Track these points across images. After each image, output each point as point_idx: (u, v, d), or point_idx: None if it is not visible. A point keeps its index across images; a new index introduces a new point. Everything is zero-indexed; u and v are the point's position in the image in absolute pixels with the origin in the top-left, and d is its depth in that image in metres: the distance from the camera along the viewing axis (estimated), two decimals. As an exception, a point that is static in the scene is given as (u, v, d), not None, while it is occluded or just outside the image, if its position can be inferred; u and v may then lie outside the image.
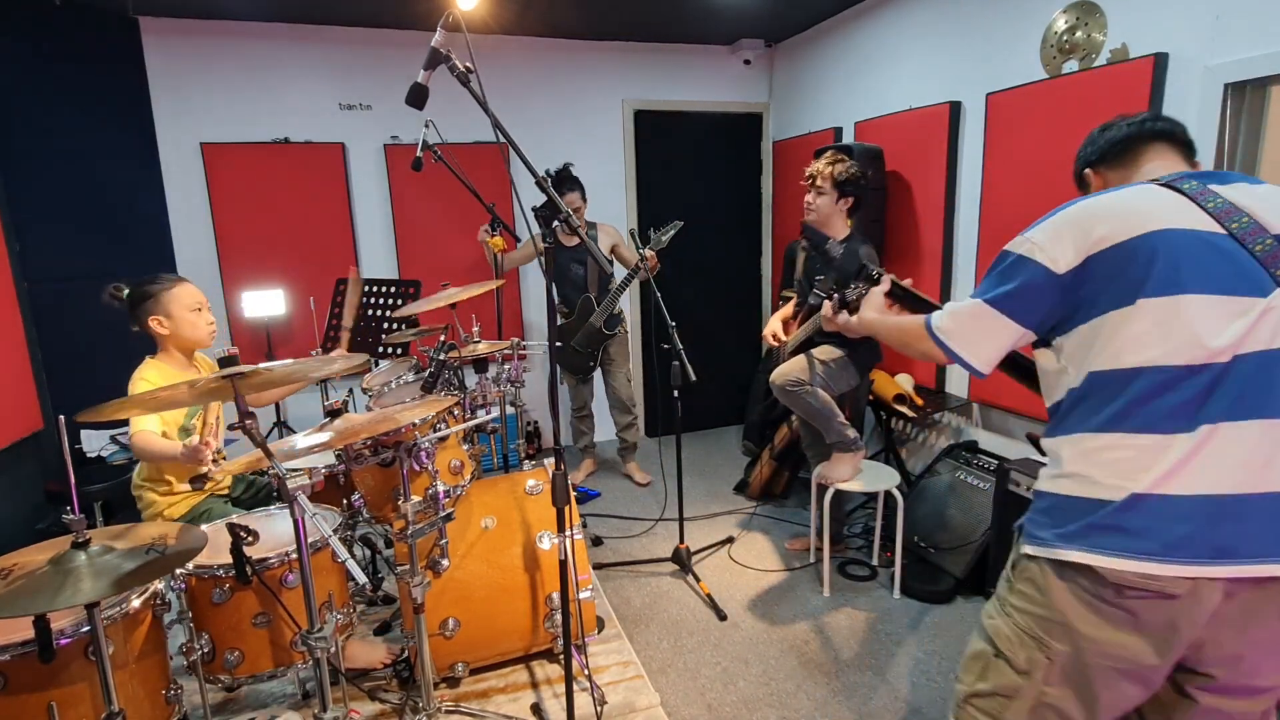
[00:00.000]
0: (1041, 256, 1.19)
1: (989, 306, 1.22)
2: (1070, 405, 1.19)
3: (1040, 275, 1.18)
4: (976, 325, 1.24)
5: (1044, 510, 1.18)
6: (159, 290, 2.22)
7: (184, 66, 3.76)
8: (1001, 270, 1.24)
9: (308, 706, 2.23)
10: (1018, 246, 1.23)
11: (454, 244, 4.28)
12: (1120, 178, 1.37)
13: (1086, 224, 1.17)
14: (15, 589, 1.33)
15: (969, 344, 1.25)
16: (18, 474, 3.26)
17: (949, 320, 1.28)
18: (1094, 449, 1.13)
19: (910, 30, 3.61)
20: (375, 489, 2.05)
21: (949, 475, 3.18)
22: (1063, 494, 1.15)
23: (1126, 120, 1.40)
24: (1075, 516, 1.12)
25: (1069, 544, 1.11)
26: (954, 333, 1.27)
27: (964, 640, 2.57)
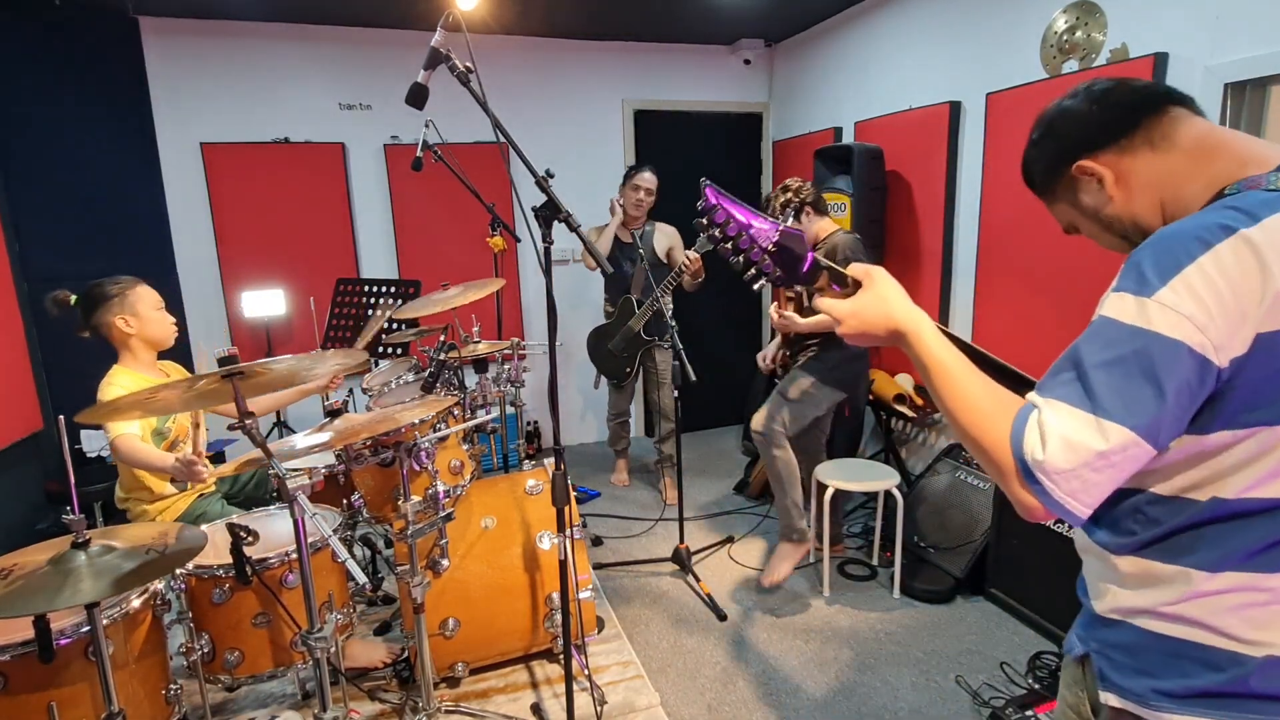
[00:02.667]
0: (1197, 340, 0.74)
1: (1132, 435, 0.75)
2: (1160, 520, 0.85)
3: (1195, 371, 0.75)
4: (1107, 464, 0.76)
5: (1124, 648, 0.89)
6: (122, 290, 2.20)
7: (184, 66, 3.76)
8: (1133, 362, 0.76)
9: (308, 706, 2.23)
10: (1150, 319, 0.75)
11: (454, 244, 4.28)
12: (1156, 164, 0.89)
13: (1255, 276, 0.73)
14: (15, 589, 1.33)
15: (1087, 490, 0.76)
16: (18, 474, 3.26)
17: (1064, 456, 0.76)
18: (1210, 591, 0.83)
19: (910, 30, 3.61)
20: (375, 489, 2.05)
21: (949, 475, 3.18)
22: (1161, 634, 0.86)
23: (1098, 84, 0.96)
24: (1185, 670, 0.84)
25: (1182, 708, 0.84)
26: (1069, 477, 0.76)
27: (963, 640, 2.58)
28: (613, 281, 3.82)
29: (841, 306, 0.97)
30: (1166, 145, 0.88)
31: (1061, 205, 0.98)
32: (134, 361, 2.23)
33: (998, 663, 2.43)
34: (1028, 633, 2.61)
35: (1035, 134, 0.99)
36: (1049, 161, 0.96)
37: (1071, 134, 0.94)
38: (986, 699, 2.26)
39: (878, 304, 0.95)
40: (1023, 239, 3.02)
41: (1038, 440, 0.77)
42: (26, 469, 3.33)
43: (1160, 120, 0.89)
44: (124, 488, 2.22)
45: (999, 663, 2.43)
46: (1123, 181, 0.90)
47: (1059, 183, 0.96)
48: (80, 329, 2.21)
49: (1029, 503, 0.79)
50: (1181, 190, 0.87)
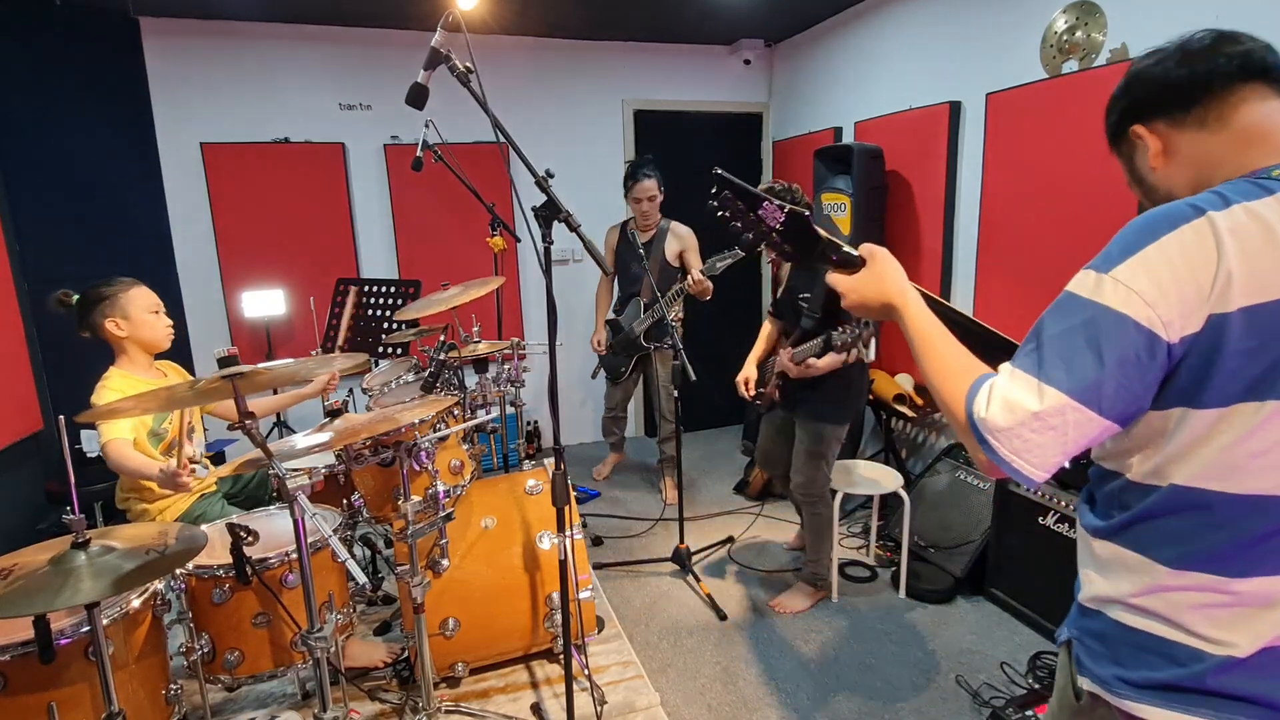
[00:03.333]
0: (1145, 314, 0.77)
1: (1068, 400, 0.78)
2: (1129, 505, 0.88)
3: (1142, 344, 0.77)
4: (1043, 426, 0.79)
5: (1098, 636, 0.93)
6: (115, 292, 2.18)
7: (184, 66, 3.76)
8: (1079, 331, 0.80)
9: (308, 706, 2.23)
10: (1103, 293, 0.79)
11: (454, 244, 4.28)
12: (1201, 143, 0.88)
13: (1210, 258, 0.76)
14: (15, 589, 1.33)
15: (1028, 449, 0.80)
16: (18, 474, 3.26)
17: (1002, 415, 0.81)
18: (1173, 587, 0.85)
19: (910, 30, 3.61)
20: (375, 489, 2.05)
21: (949, 475, 3.18)
22: (1128, 625, 0.89)
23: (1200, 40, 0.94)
24: (1148, 662, 0.87)
25: (1143, 696, 0.87)
26: (1007, 436, 0.80)
27: (963, 640, 2.58)
28: (625, 276, 3.79)
29: (845, 281, 1.07)
30: (1218, 126, 0.88)
31: (1122, 160, 1.01)
32: (129, 364, 2.22)
33: (998, 663, 2.43)
34: (1028, 633, 2.61)
35: (1120, 85, 0.98)
36: (1117, 114, 0.97)
37: (1137, 95, 0.95)
38: (986, 699, 2.26)
39: (875, 281, 1.04)
40: (1023, 239, 3.02)
41: (984, 400, 0.83)
42: (26, 469, 3.33)
43: (1222, 100, 0.88)
44: (124, 488, 2.22)
45: (999, 663, 2.43)
46: (1167, 153, 0.92)
47: (1121, 138, 0.98)
48: (78, 329, 2.21)
49: (980, 458, 0.85)
50: (1215, 172, 0.87)
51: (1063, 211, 2.81)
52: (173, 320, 2.34)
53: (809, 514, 2.77)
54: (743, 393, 2.82)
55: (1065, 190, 2.80)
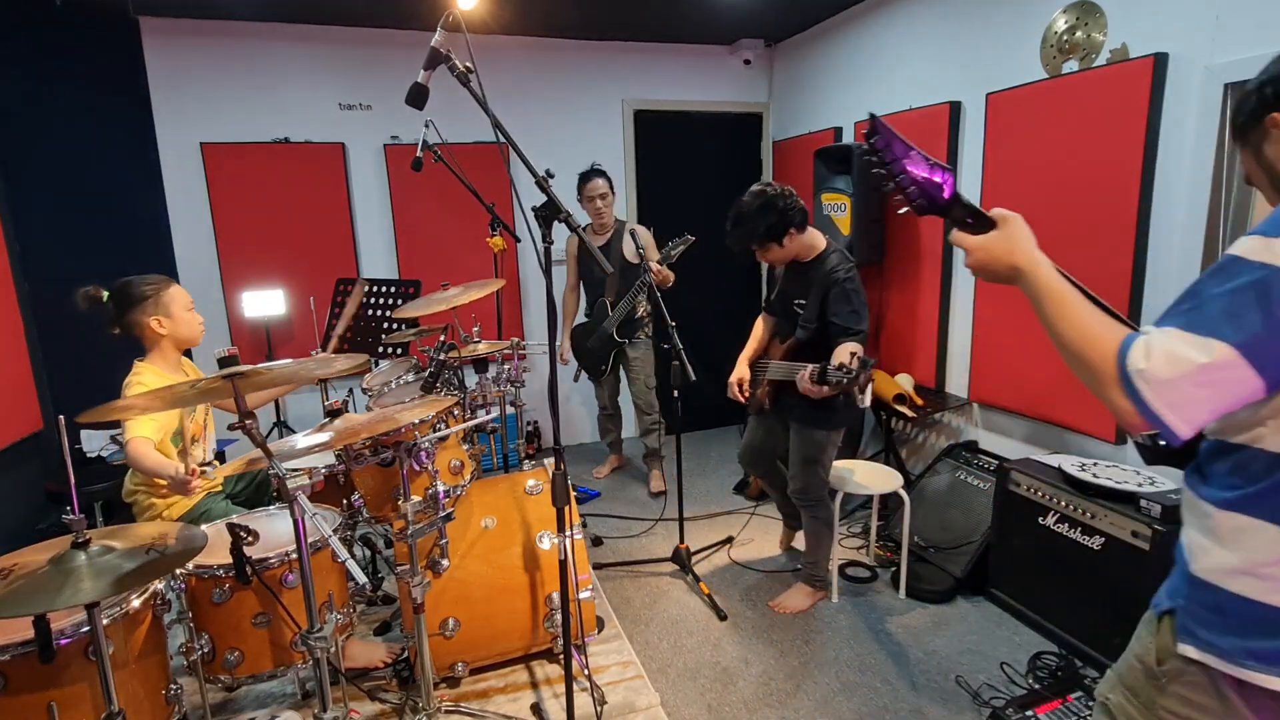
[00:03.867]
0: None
1: (1236, 353, 0.80)
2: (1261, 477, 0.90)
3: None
4: (1208, 379, 0.81)
5: (1214, 608, 0.95)
6: (156, 291, 2.22)
7: (184, 66, 3.76)
8: (1247, 289, 0.81)
9: (308, 706, 2.23)
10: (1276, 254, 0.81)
11: (454, 244, 4.28)
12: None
13: None
14: (15, 589, 1.33)
15: (1184, 402, 0.82)
16: (18, 474, 3.26)
17: (1165, 366, 0.82)
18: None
19: (910, 30, 3.61)
20: (375, 489, 2.05)
21: (949, 475, 3.18)
22: (1250, 598, 0.91)
23: None
24: (1275, 631, 0.89)
25: (1271, 667, 0.89)
26: (1169, 388, 0.82)
27: (964, 640, 2.58)
28: (589, 282, 3.88)
29: (972, 240, 1.07)
30: None
31: (1248, 152, 1.02)
32: (161, 360, 2.25)
33: (998, 663, 2.43)
34: (1028, 633, 2.61)
35: (1257, 76, 1.00)
36: (1254, 105, 0.98)
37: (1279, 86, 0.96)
38: (986, 699, 2.26)
39: (1006, 242, 1.05)
40: (1023, 239, 3.01)
41: (1142, 353, 0.84)
42: (26, 469, 3.33)
43: None
44: (134, 480, 2.23)
45: (999, 663, 2.43)
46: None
47: (1253, 129, 0.98)
48: (110, 326, 2.22)
49: (1125, 407, 0.85)
50: None
51: (1063, 211, 2.81)
52: None
53: (808, 517, 2.76)
54: (735, 395, 2.76)
55: (1065, 190, 2.80)
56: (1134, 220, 2.55)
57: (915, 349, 3.72)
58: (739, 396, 2.76)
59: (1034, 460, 2.78)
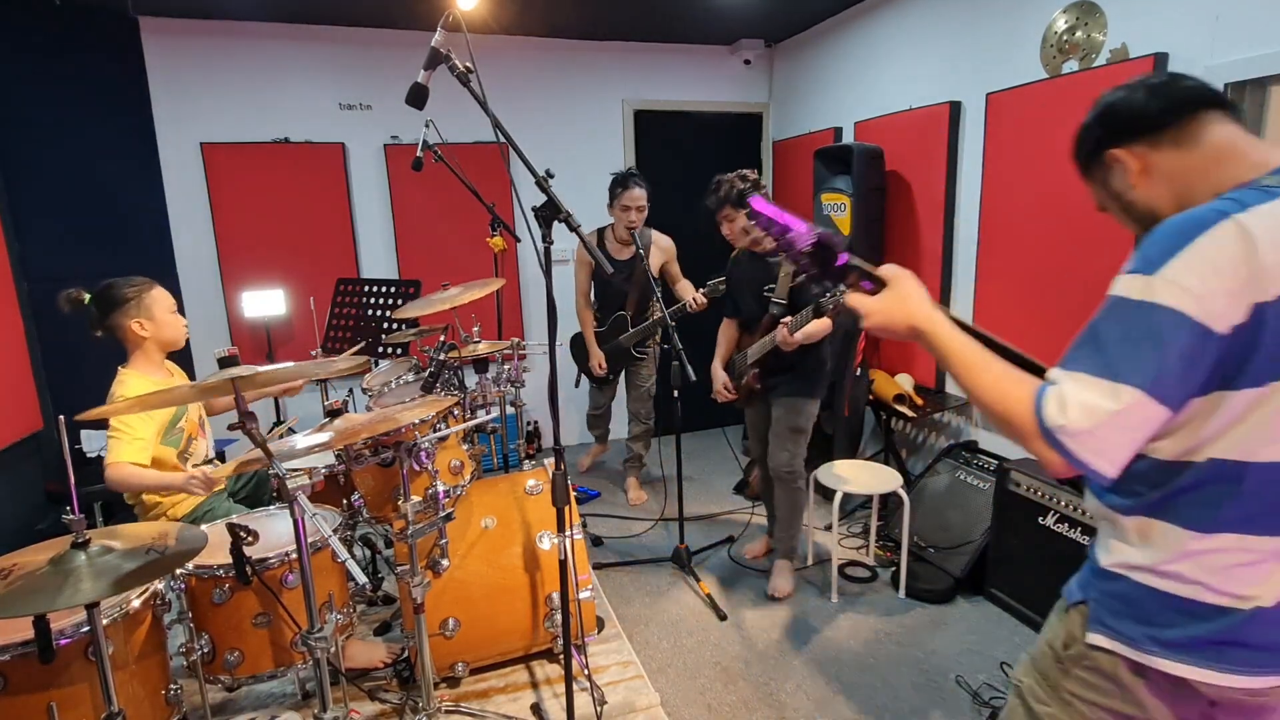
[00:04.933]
0: (1197, 310, 0.83)
1: (1145, 396, 0.84)
2: (1161, 483, 0.94)
3: (1197, 337, 0.84)
4: (1123, 424, 0.85)
5: (1122, 598, 0.99)
6: (138, 293, 2.19)
7: (184, 66, 3.76)
8: (1141, 331, 0.86)
9: (308, 706, 2.23)
10: (1155, 293, 0.85)
11: (454, 244, 4.28)
12: (1177, 160, 0.98)
13: (1247, 253, 0.83)
14: (15, 589, 1.33)
15: (1107, 448, 0.85)
16: (18, 474, 3.26)
17: (1082, 418, 0.85)
18: (1203, 551, 0.92)
19: (910, 30, 3.61)
20: (375, 489, 2.05)
21: (949, 475, 3.18)
22: (1154, 588, 0.96)
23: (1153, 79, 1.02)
24: (1176, 620, 0.94)
25: (1171, 654, 0.94)
26: (1089, 438, 0.85)
27: (964, 640, 2.58)
28: (605, 293, 3.79)
29: (868, 302, 1.08)
30: (1191, 145, 0.97)
31: (1096, 184, 1.09)
32: (145, 363, 2.23)
33: (998, 663, 2.43)
34: (1028, 633, 2.61)
35: (1088, 116, 1.08)
36: (1092, 143, 1.06)
37: (1113, 123, 1.04)
38: (986, 699, 2.26)
39: (899, 303, 1.06)
40: (1023, 239, 3.02)
41: (1057, 407, 0.87)
42: (26, 469, 3.33)
43: (1192, 121, 0.97)
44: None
45: (999, 663, 2.43)
46: (1147, 173, 1.00)
47: (1095, 163, 1.06)
48: (93, 329, 2.19)
49: (1051, 459, 0.89)
50: (1195, 188, 0.96)
51: (1063, 211, 2.81)
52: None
53: (788, 490, 2.87)
54: (724, 396, 2.97)
55: (1065, 190, 2.80)
56: (1134, 220, 2.55)
57: (915, 349, 3.72)
58: (728, 396, 2.96)
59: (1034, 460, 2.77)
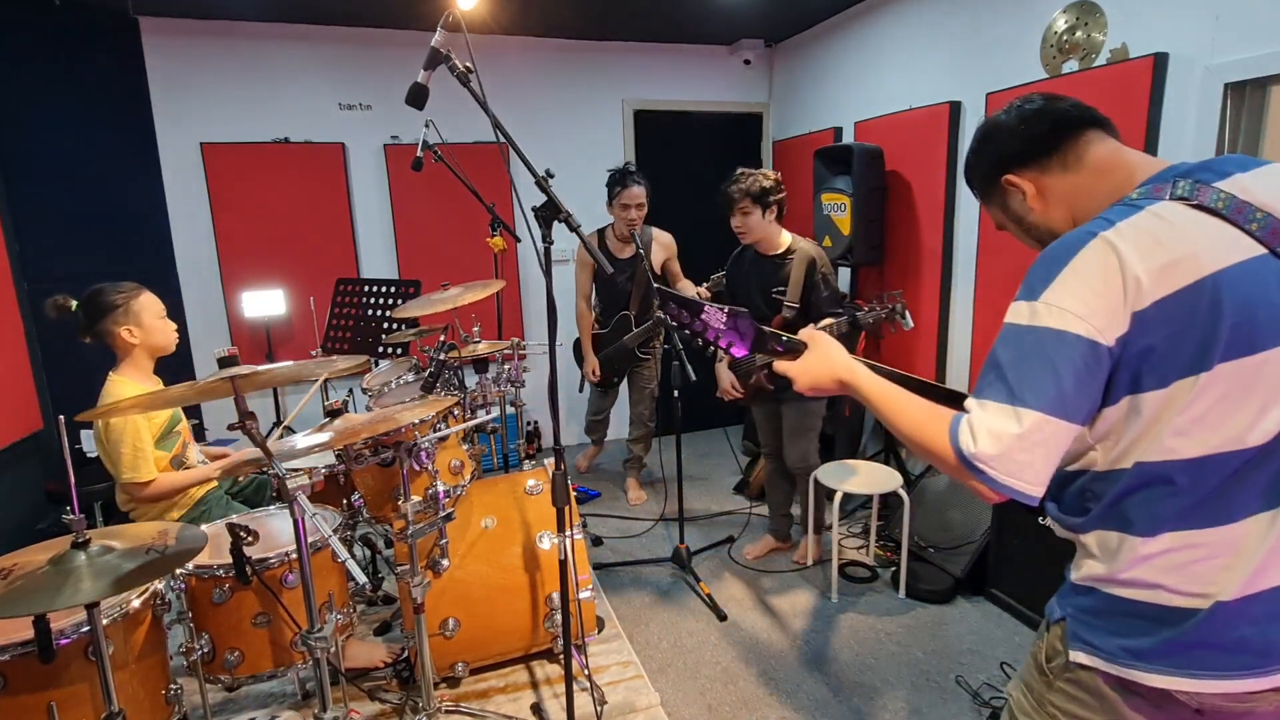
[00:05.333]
0: (1081, 326, 0.88)
1: (1043, 415, 0.88)
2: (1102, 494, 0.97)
3: (1086, 352, 0.88)
4: (1030, 444, 0.89)
5: (1094, 611, 0.99)
6: (126, 299, 2.16)
7: (184, 66, 3.76)
8: (1031, 354, 0.90)
9: (308, 706, 2.23)
10: (1039, 317, 0.90)
11: (454, 244, 4.28)
12: (1067, 181, 1.04)
13: (1116, 268, 0.88)
14: (15, 589, 1.33)
15: (1021, 469, 0.89)
16: (18, 474, 3.26)
17: (990, 444, 0.89)
18: (1153, 553, 0.93)
19: (910, 30, 3.61)
20: (375, 489, 2.05)
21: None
22: (1121, 597, 0.97)
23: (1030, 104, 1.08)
24: (1145, 629, 0.95)
25: (1147, 664, 0.94)
26: (1001, 461, 0.89)
27: (964, 640, 2.58)
28: (607, 293, 3.73)
29: (793, 367, 1.19)
30: (1078, 165, 1.03)
31: (994, 208, 1.14)
32: (133, 369, 2.20)
33: (998, 663, 2.43)
34: (1028, 633, 2.61)
35: (973, 144, 1.14)
36: (985, 170, 1.11)
37: (1001, 150, 1.09)
38: (986, 699, 2.26)
39: (822, 361, 1.16)
40: (1023, 239, 3.01)
41: (969, 436, 0.91)
42: (26, 469, 3.33)
43: (1075, 142, 1.04)
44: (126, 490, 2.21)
45: (999, 663, 2.43)
46: (1041, 195, 1.06)
47: (992, 190, 1.11)
48: (81, 335, 2.18)
49: (979, 488, 0.92)
50: (1087, 204, 1.02)
51: (1063, 211, 2.81)
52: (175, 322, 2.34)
53: (803, 489, 3.01)
54: (732, 397, 3.01)
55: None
56: (1134, 220, 2.55)
57: (915, 349, 3.72)
58: (735, 395, 3.00)
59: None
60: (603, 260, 1.91)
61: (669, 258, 3.68)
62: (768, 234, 2.78)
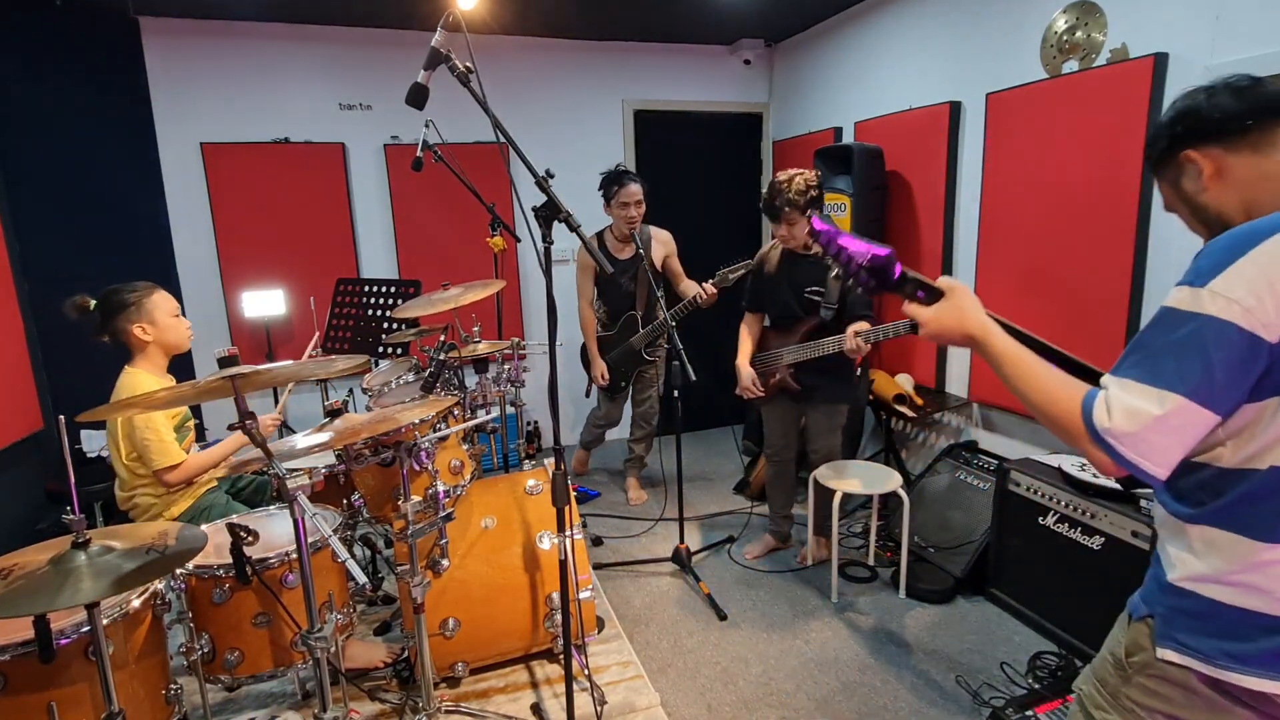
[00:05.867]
0: (1247, 320, 0.86)
1: (1187, 402, 0.88)
2: (1224, 491, 0.96)
3: (1245, 346, 0.87)
4: (1167, 428, 0.88)
5: (1192, 613, 0.99)
6: (139, 297, 2.21)
7: (184, 66, 3.76)
8: (1187, 341, 0.89)
9: (308, 706, 2.23)
10: (1203, 304, 0.88)
11: (454, 244, 4.28)
12: (1252, 165, 0.98)
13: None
14: (15, 589, 1.33)
15: (1153, 450, 0.89)
16: (18, 474, 3.26)
17: (1126, 422, 0.89)
18: (1273, 561, 0.93)
19: (910, 30, 3.61)
20: (375, 489, 2.05)
21: (949, 475, 3.18)
22: (1224, 603, 0.96)
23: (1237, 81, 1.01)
24: (1250, 635, 0.94)
25: (1246, 670, 0.94)
26: (1134, 440, 0.89)
27: (964, 640, 2.58)
28: (611, 295, 3.69)
29: (925, 312, 1.16)
30: (1269, 150, 0.97)
31: (1166, 184, 1.09)
32: (148, 365, 2.25)
33: (998, 663, 2.43)
34: (1028, 633, 2.61)
35: (1165, 115, 1.07)
36: (1166, 143, 1.06)
37: (1190, 123, 1.03)
38: (986, 699, 2.26)
39: (956, 312, 1.13)
40: (1023, 239, 3.02)
41: (1105, 411, 0.91)
42: (26, 469, 3.33)
43: (1273, 125, 0.97)
44: (125, 486, 2.22)
45: (999, 663, 2.43)
46: (1220, 175, 1.00)
47: (1168, 163, 1.06)
48: (97, 334, 2.22)
49: (1101, 459, 0.93)
50: (1265, 195, 0.97)
51: (1063, 211, 2.81)
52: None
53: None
54: (755, 394, 2.97)
55: (1065, 190, 2.80)
56: (1134, 220, 2.55)
57: (915, 349, 3.73)
58: (756, 393, 2.97)
59: (1034, 460, 2.78)
60: (603, 260, 1.91)
61: (669, 255, 3.65)
62: (805, 240, 2.76)
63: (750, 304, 3.04)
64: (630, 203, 3.40)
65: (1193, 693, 0.98)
